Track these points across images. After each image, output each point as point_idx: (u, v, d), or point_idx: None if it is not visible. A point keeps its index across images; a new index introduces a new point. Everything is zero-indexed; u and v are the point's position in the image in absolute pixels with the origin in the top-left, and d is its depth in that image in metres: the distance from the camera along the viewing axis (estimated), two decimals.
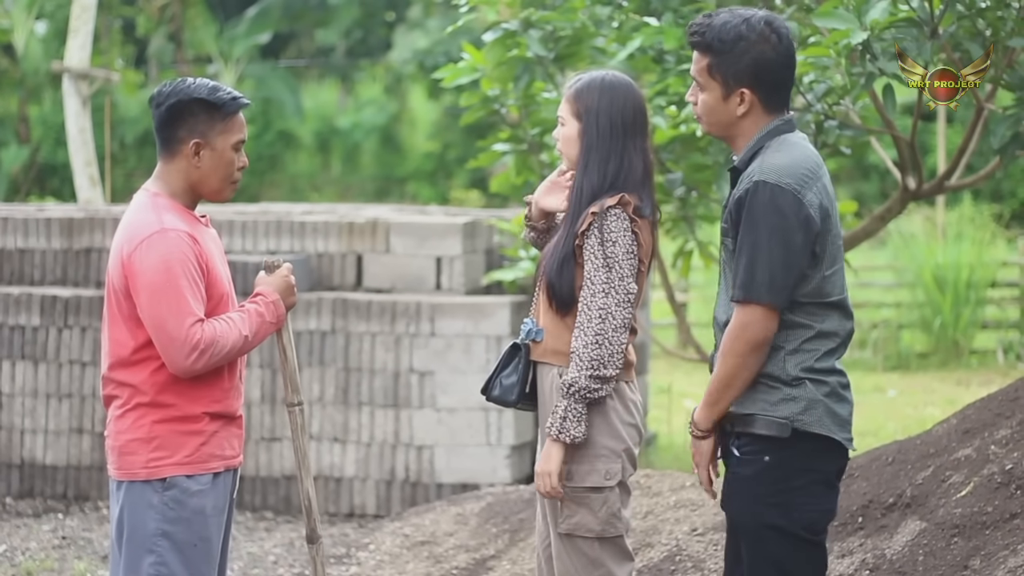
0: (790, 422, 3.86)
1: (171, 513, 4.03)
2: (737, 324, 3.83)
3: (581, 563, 4.33)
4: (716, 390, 3.89)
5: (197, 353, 3.97)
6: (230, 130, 4.09)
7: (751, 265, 3.80)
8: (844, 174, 21.84)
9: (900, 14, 5.50)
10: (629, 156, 4.33)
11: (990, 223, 16.96)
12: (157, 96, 4.09)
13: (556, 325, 4.36)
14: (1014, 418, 5.60)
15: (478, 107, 7.47)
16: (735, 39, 3.86)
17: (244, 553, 7.47)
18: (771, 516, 3.87)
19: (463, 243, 8.54)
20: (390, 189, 26.42)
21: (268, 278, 4.25)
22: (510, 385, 4.43)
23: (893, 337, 14.50)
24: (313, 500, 4.33)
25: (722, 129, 3.98)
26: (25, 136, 24.36)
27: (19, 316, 8.66)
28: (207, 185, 4.11)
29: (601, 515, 4.32)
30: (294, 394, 4.32)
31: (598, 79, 4.39)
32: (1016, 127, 5.72)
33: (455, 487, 8.23)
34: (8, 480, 8.65)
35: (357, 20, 27.99)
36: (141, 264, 3.97)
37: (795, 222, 3.79)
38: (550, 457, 4.26)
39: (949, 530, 5.18)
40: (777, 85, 3.92)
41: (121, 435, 4.07)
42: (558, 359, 4.35)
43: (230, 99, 4.07)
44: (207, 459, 4.07)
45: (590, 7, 6.95)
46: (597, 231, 4.24)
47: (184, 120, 4.05)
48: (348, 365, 8.38)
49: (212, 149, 4.07)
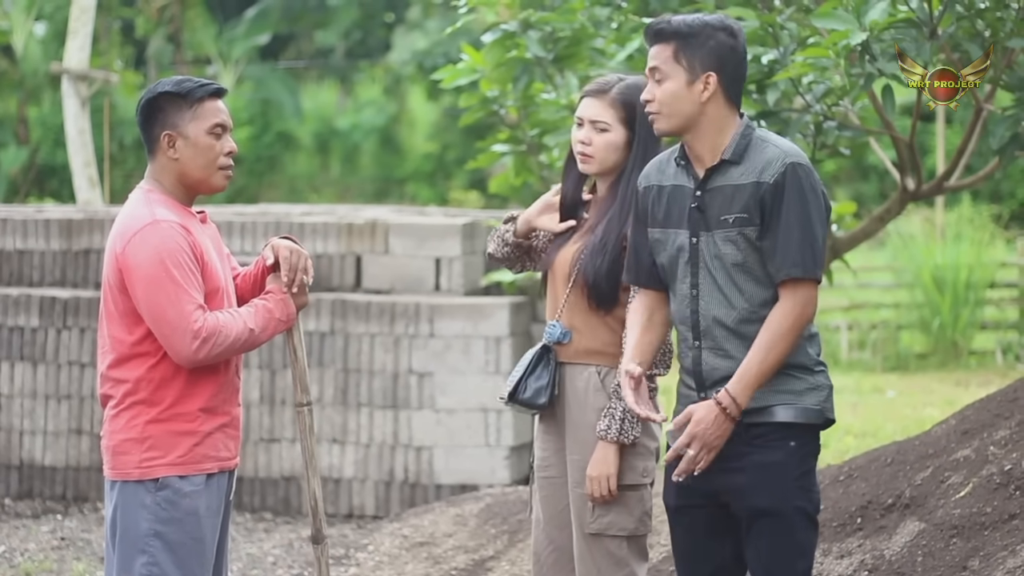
0: (822, 410, 3.94)
1: (163, 513, 4.03)
2: (798, 303, 3.86)
3: (607, 563, 4.32)
4: (769, 370, 3.86)
5: (200, 341, 3.96)
6: (201, 116, 4.08)
7: (804, 243, 3.86)
8: (843, 175, 21.84)
9: (899, 15, 5.50)
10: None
11: (989, 224, 16.95)
12: (138, 101, 4.13)
13: (593, 325, 4.37)
14: (1013, 419, 5.60)
15: (477, 108, 7.46)
16: (700, 26, 3.95)
17: (243, 554, 7.47)
18: (800, 499, 3.93)
19: (462, 244, 8.54)
20: (389, 190, 26.43)
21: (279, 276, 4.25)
22: (540, 387, 4.42)
23: (892, 338, 14.50)
24: (320, 501, 4.32)
25: (682, 120, 3.97)
26: (24, 137, 24.37)
27: (18, 317, 8.66)
28: (191, 175, 4.10)
29: (636, 513, 4.34)
30: (303, 394, 4.30)
31: (633, 83, 4.43)
32: (1015, 128, 5.72)
33: (454, 488, 8.23)
34: (7, 481, 8.64)
35: (356, 21, 28.00)
36: (135, 257, 3.97)
37: (824, 202, 3.94)
38: (608, 460, 4.28)
39: (948, 531, 5.18)
40: (736, 78, 3.98)
41: (115, 435, 4.07)
42: (595, 359, 4.38)
43: (196, 86, 4.08)
44: (201, 460, 4.06)
45: (589, 8, 6.94)
46: None
47: (156, 116, 4.08)
48: (347, 366, 8.38)
49: (185, 138, 4.07)
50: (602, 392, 4.38)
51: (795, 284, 3.88)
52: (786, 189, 3.87)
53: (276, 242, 4.24)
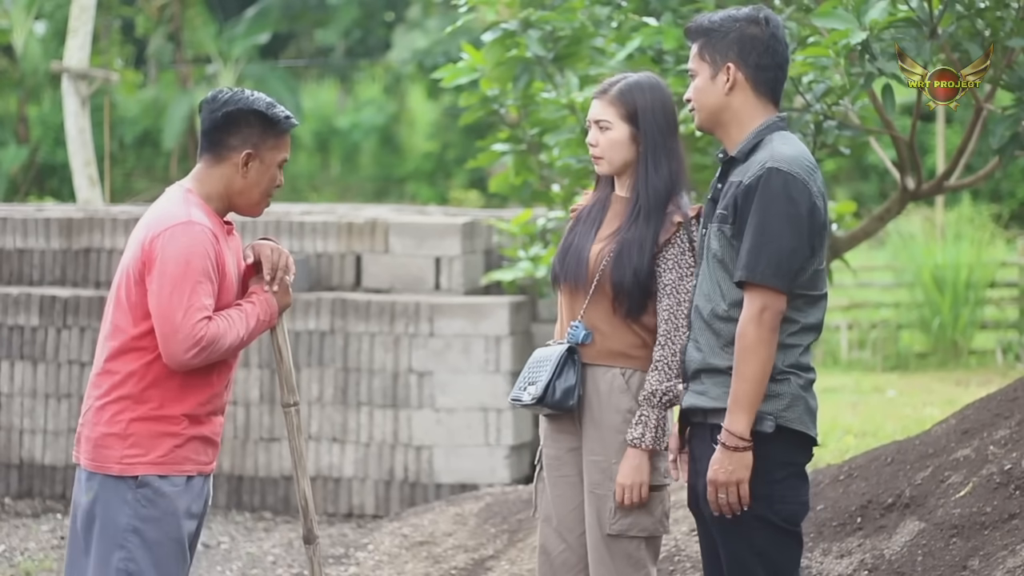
0: (774, 418, 3.88)
1: (143, 511, 4.03)
2: (754, 311, 3.83)
3: (625, 564, 4.32)
4: (752, 389, 3.83)
5: (198, 348, 3.97)
6: (279, 147, 4.14)
7: (757, 247, 3.83)
8: (843, 174, 21.83)
9: (899, 14, 5.49)
10: (680, 154, 4.40)
11: (989, 223, 16.95)
12: (213, 101, 4.11)
13: (617, 328, 4.36)
14: (1013, 418, 5.60)
15: (477, 107, 7.46)
16: (724, 19, 3.98)
17: (243, 553, 7.47)
18: (757, 508, 3.88)
19: (462, 243, 8.54)
20: (389, 189, 26.42)
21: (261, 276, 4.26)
22: (569, 389, 4.40)
23: (892, 337, 14.49)
24: (310, 500, 4.33)
25: (713, 114, 4.00)
26: (24, 136, 24.35)
27: (18, 316, 8.66)
28: (248, 197, 4.14)
29: (657, 514, 4.35)
30: (290, 394, 4.31)
31: (635, 80, 4.44)
32: (1015, 127, 5.72)
33: (454, 487, 8.22)
34: (7, 480, 8.64)
35: (356, 20, 27.97)
36: (163, 251, 3.98)
37: (804, 210, 3.86)
38: (642, 468, 4.29)
39: (948, 530, 5.18)
40: (762, 66, 3.97)
41: (97, 427, 4.07)
42: (619, 360, 4.37)
43: (284, 117, 4.14)
44: (181, 461, 4.07)
45: (589, 7, 6.94)
46: (686, 240, 4.31)
47: (239, 129, 4.09)
48: (347, 365, 8.38)
49: (261, 162, 4.11)
50: (627, 394, 4.37)
51: (751, 289, 3.85)
52: (757, 193, 3.86)
53: (257, 243, 4.27)
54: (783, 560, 3.96)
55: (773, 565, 3.94)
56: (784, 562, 3.96)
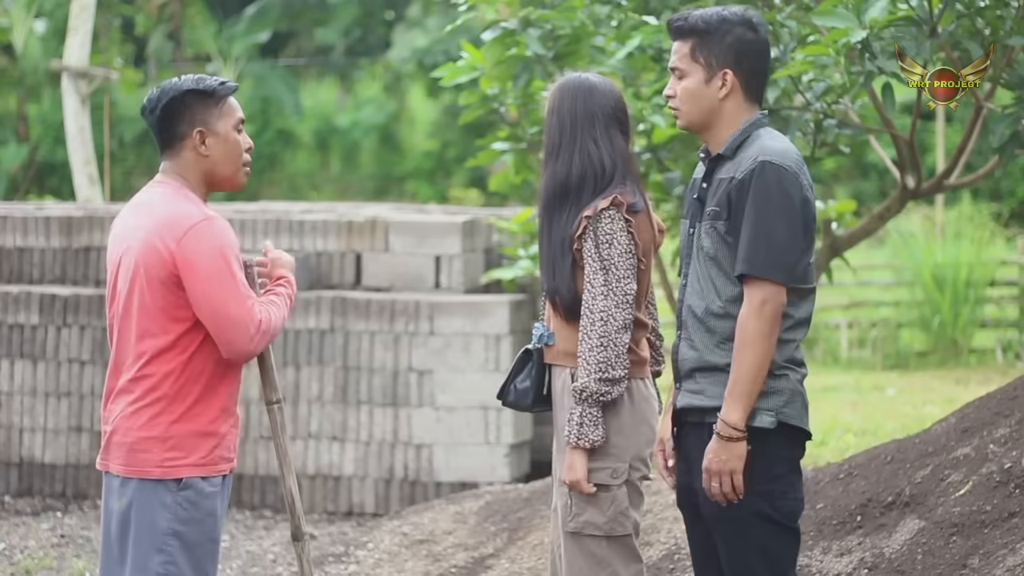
0: (775, 414, 3.88)
1: (184, 513, 4.03)
2: (755, 304, 3.84)
3: (588, 562, 4.33)
4: (749, 380, 3.85)
5: (260, 334, 4.01)
6: (227, 113, 4.12)
7: (756, 240, 3.84)
8: (843, 173, 21.83)
9: (899, 13, 5.50)
10: (586, 145, 4.34)
11: (989, 222, 16.96)
12: (148, 103, 4.12)
13: (565, 328, 4.37)
14: (1013, 417, 5.60)
15: (477, 106, 7.46)
16: (718, 21, 3.97)
17: (243, 551, 7.47)
18: (758, 504, 3.90)
19: (462, 242, 8.54)
20: (389, 188, 26.42)
21: (286, 261, 4.29)
22: (525, 390, 4.45)
23: (892, 336, 14.49)
24: (296, 498, 4.33)
25: (702, 116, 4.01)
26: (24, 135, 24.36)
27: (18, 315, 8.66)
28: (221, 172, 4.14)
29: (609, 513, 4.32)
30: (272, 392, 4.32)
31: (558, 84, 4.45)
32: (1015, 126, 5.72)
33: (454, 486, 8.23)
34: (7, 478, 8.65)
35: (356, 19, 27.98)
36: (195, 253, 3.98)
37: (797, 203, 3.88)
38: (574, 466, 4.27)
39: (948, 529, 5.18)
40: (755, 72, 3.99)
41: (131, 431, 4.04)
42: (569, 360, 4.37)
43: (218, 84, 4.12)
44: (218, 461, 4.09)
45: (589, 6, 6.94)
46: (592, 234, 4.25)
47: (181, 114, 4.08)
48: (347, 364, 8.38)
49: (215, 135, 4.10)
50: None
51: (751, 283, 3.86)
52: (752, 186, 3.87)
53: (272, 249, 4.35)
54: (783, 557, 3.97)
55: (774, 562, 3.95)
56: (784, 559, 3.98)
